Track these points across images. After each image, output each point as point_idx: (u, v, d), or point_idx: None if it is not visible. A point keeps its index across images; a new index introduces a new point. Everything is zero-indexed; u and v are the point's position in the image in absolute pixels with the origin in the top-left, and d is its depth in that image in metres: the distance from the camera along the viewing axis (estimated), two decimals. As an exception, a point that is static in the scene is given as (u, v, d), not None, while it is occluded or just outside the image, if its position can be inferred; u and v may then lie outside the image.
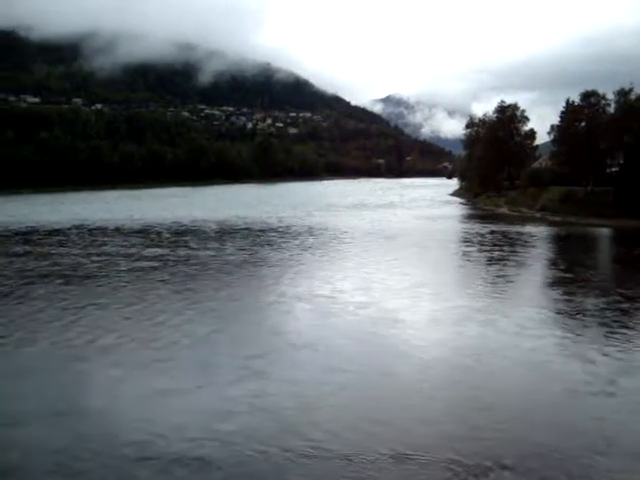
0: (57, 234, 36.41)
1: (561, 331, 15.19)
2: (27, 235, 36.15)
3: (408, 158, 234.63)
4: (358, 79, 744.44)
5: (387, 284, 20.46)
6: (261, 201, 70.59)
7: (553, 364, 12.72)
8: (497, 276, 22.67)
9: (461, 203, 72.93)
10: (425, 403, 10.57)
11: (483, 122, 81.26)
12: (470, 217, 53.00)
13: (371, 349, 13.53)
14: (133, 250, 28.90)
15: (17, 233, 37.55)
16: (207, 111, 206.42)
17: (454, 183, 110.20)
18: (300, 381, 11.26)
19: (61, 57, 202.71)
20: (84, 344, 13.75)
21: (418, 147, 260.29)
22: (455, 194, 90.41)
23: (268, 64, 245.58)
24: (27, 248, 30.11)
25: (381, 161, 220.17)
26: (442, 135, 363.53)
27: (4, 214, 52.41)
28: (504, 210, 59.09)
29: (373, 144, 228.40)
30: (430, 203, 69.63)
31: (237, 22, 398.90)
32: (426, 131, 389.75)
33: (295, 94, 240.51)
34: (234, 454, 8.61)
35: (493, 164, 71.08)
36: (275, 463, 8.37)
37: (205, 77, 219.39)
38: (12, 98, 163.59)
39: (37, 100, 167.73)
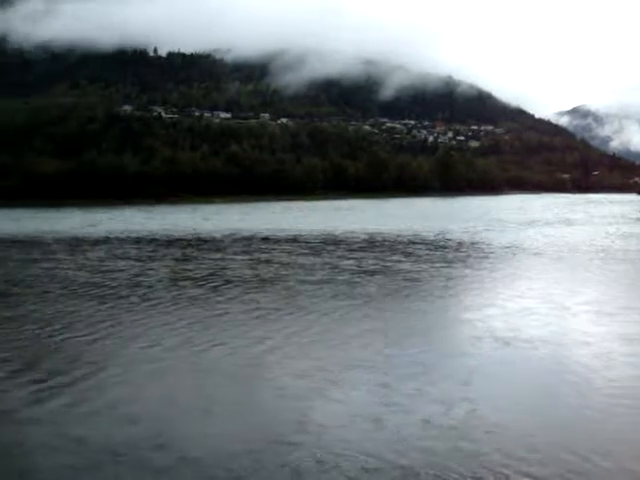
0: (215, 241, 38.88)
1: None
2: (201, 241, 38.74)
3: (595, 173, 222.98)
4: (543, 91, 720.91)
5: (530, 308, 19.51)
6: (431, 214, 70.39)
7: None
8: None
9: (654, 221, 68.15)
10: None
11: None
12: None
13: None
14: (274, 256, 30.25)
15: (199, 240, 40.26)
16: (388, 124, 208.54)
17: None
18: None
19: (251, 75, 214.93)
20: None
21: (606, 161, 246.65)
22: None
23: (450, 77, 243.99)
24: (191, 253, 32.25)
25: (566, 176, 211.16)
26: (632, 148, 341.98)
27: (190, 221, 56.66)
28: (700, 229, 54.66)
29: (558, 158, 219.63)
30: (619, 220, 65.49)
31: (420, 37, 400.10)
32: (615, 144, 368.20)
33: (477, 107, 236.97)
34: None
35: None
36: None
37: (387, 91, 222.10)
38: (207, 114, 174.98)
39: (228, 116, 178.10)
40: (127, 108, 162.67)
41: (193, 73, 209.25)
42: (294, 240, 39.50)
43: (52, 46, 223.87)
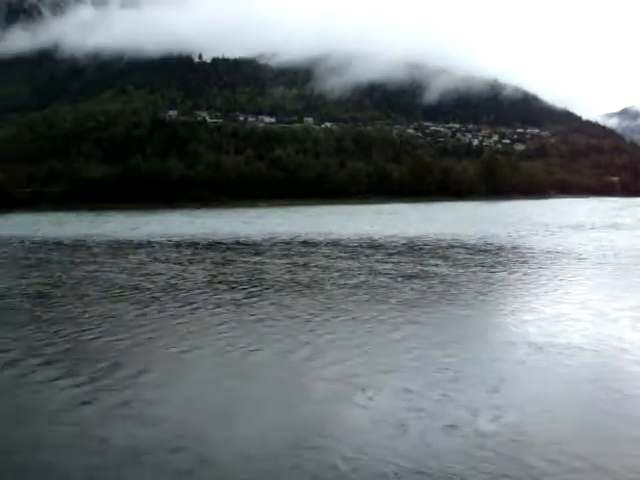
0: (254, 245, 39.31)
1: None
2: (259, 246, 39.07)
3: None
4: (590, 92, 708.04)
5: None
6: (474, 218, 69.57)
7: None
8: None
9: None
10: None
11: None
12: None
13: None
14: (313, 260, 30.59)
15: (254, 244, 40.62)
16: (432, 128, 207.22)
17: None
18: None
19: (295, 80, 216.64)
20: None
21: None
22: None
23: (495, 80, 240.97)
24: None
25: (615, 179, 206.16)
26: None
27: (230, 225, 57.45)
28: None
29: (606, 161, 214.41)
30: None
31: (465, 40, 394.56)
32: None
33: (522, 110, 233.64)
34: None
35: None
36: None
37: (431, 95, 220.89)
38: (251, 119, 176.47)
39: (273, 120, 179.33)
40: (172, 113, 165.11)
41: (237, 78, 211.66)
42: (334, 244, 39.61)
43: (101, 54, 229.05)
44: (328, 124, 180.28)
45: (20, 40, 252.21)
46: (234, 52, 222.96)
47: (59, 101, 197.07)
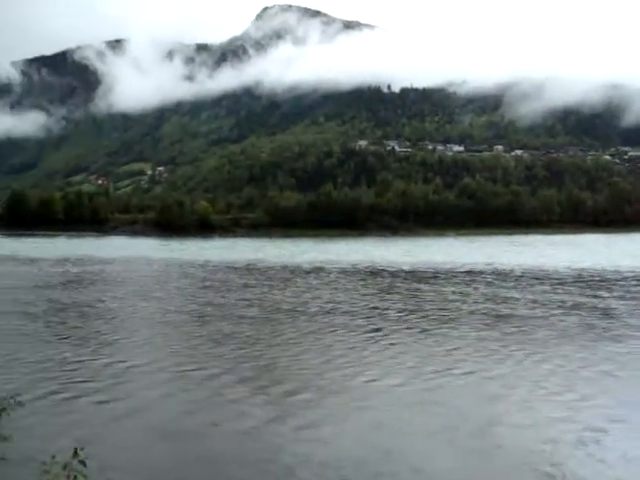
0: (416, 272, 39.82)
1: None
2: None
3: None
4: None
5: None
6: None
7: None
8: None
9: None
10: None
11: None
12: None
13: None
14: (474, 289, 30.74)
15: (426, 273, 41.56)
16: (631, 153, 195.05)
17: None
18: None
19: (485, 107, 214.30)
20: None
21: None
22: None
23: None
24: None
25: None
26: None
27: (408, 252, 58.57)
28: None
29: None
30: None
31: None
32: None
33: None
34: None
35: None
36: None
37: (630, 117, 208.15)
38: (440, 147, 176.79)
39: (461, 148, 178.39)
40: (362, 143, 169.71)
41: (426, 107, 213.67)
42: (498, 273, 39.41)
43: (298, 88, 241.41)
44: (518, 152, 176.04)
45: (227, 78, 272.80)
46: (422, 81, 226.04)
47: (257, 133, 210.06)
